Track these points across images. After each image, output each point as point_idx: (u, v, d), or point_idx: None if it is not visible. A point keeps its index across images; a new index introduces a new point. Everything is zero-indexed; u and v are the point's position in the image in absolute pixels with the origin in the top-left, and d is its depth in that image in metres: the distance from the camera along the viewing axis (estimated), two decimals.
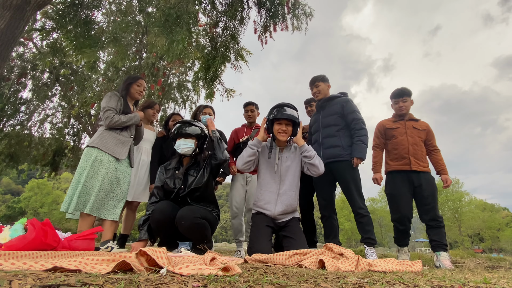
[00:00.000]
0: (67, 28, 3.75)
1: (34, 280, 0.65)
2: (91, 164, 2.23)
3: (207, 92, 4.55)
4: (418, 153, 2.59)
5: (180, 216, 1.96)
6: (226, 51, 4.41)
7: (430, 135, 2.72)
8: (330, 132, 2.60)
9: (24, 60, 6.98)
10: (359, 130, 2.52)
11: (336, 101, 2.70)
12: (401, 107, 2.70)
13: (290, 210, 2.19)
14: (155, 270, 0.91)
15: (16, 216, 30.03)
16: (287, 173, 2.22)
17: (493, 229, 32.07)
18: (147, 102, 3.19)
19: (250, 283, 0.76)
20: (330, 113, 2.66)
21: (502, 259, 4.90)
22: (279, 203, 2.17)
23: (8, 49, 2.97)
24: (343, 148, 2.52)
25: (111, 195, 2.30)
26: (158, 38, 3.17)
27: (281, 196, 2.18)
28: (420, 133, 2.67)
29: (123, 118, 2.36)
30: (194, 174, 2.20)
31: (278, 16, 4.50)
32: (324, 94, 2.78)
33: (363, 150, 2.46)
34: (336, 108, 2.65)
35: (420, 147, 2.62)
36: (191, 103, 8.42)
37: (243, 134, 3.20)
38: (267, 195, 2.20)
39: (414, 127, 2.68)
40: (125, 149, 2.41)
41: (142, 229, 2.08)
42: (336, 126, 2.60)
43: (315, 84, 2.81)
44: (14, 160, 7.46)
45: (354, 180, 2.46)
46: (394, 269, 1.39)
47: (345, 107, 2.62)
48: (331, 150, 2.55)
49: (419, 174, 2.55)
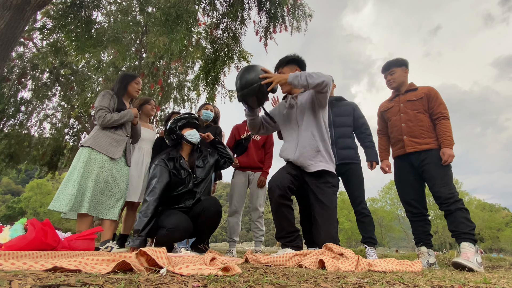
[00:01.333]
0: (68, 28, 3.76)
1: (34, 280, 0.65)
2: (85, 163, 2.21)
3: (208, 95, 4.56)
4: (415, 130, 2.24)
5: (204, 207, 2.05)
6: (229, 53, 4.42)
7: (431, 100, 2.25)
8: (345, 133, 2.59)
9: (24, 60, 6.98)
10: (370, 135, 2.62)
11: (347, 102, 2.74)
12: (389, 81, 2.42)
13: (310, 152, 1.95)
14: (155, 270, 0.91)
15: (16, 216, 30.02)
16: (303, 115, 2.06)
17: (493, 229, 32.08)
18: (142, 99, 3.17)
19: (250, 283, 0.76)
20: (344, 113, 2.65)
21: (502, 259, 4.90)
22: (299, 148, 1.99)
23: (8, 49, 2.97)
24: (355, 151, 2.57)
25: (108, 194, 2.29)
26: (159, 37, 3.18)
27: (299, 140, 2.02)
28: (415, 104, 2.28)
29: (115, 116, 2.34)
30: (201, 165, 2.26)
31: (277, 18, 4.51)
32: (331, 93, 2.79)
33: (377, 154, 2.55)
34: (348, 109, 2.67)
35: (418, 121, 2.25)
36: (191, 102, 8.44)
37: (244, 131, 3.20)
38: (288, 145, 2.10)
39: (408, 100, 2.32)
40: (119, 148, 2.39)
41: (141, 235, 1.86)
42: (350, 128, 2.63)
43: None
44: (14, 160, 7.46)
45: (361, 181, 2.49)
46: (394, 269, 1.39)
47: (356, 110, 2.68)
48: (347, 151, 2.54)
49: (419, 154, 2.20)
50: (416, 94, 2.30)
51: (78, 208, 2.14)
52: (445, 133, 2.14)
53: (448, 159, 2.07)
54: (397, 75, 2.39)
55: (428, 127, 2.23)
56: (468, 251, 1.81)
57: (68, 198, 2.09)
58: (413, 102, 2.30)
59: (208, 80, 4.44)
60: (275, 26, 4.58)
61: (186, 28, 3.35)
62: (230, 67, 4.61)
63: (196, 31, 4.54)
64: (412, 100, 2.30)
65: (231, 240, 3.01)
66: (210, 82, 4.46)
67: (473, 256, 1.78)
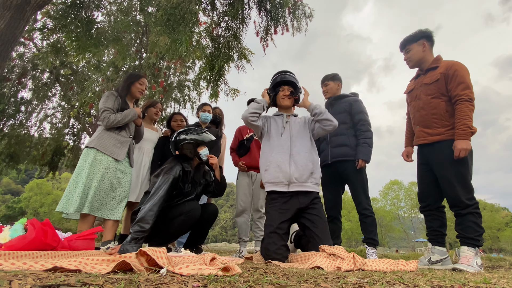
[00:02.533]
0: (68, 28, 3.76)
1: (34, 280, 0.65)
2: (90, 165, 2.23)
3: (211, 92, 4.53)
4: (427, 118, 1.99)
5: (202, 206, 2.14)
6: (229, 51, 4.41)
7: (449, 81, 1.90)
8: (338, 130, 2.49)
9: (24, 60, 6.98)
10: (365, 132, 2.46)
11: (346, 99, 2.63)
12: (406, 60, 2.19)
13: (307, 174, 1.99)
14: (155, 270, 0.91)
15: (16, 216, 30.03)
16: (297, 136, 2.10)
17: (493, 229, 32.07)
18: (149, 101, 3.18)
19: (250, 283, 0.76)
20: (339, 111, 2.58)
21: (502, 259, 4.90)
22: (293, 163, 1.97)
23: (8, 49, 2.97)
24: (351, 147, 2.47)
25: (112, 195, 2.30)
26: (161, 37, 3.17)
27: (294, 156, 1.99)
28: (430, 88, 1.98)
29: (119, 117, 2.34)
30: (203, 182, 2.30)
31: (278, 19, 4.50)
32: (332, 93, 2.72)
33: (368, 152, 2.41)
34: (344, 106, 2.59)
35: (431, 108, 1.98)
36: (192, 102, 8.44)
37: (247, 132, 3.21)
38: (278, 156, 2.00)
39: (425, 84, 2.04)
40: (123, 149, 2.41)
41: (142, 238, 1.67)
42: (344, 124, 2.52)
43: (324, 83, 2.77)
44: (13, 160, 7.46)
45: (361, 180, 2.43)
46: (386, 269, 1.39)
47: (353, 105, 2.56)
48: (340, 149, 2.49)
49: (432, 147, 1.98)
50: (432, 76, 2.00)
51: (81, 209, 2.14)
52: (459, 121, 1.81)
53: (459, 154, 1.78)
54: (413, 52, 2.11)
55: (443, 114, 1.93)
56: (467, 254, 1.76)
57: (76, 200, 2.11)
58: (428, 86, 2.01)
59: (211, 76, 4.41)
60: (276, 28, 4.57)
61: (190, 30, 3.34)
62: (230, 66, 4.59)
63: (196, 31, 4.53)
64: (427, 83, 2.02)
65: (241, 240, 3.02)
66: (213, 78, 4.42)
67: (472, 259, 1.73)
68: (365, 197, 2.42)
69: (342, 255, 1.51)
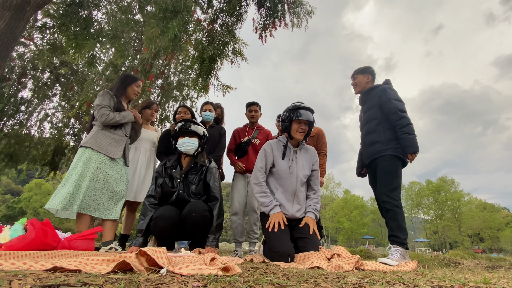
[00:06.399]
0: (67, 26, 3.76)
1: (34, 280, 0.65)
2: (84, 163, 2.21)
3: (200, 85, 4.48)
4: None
5: (189, 210, 1.98)
6: (224, 48, 4.38)
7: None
8: (369, 128, 2.42)
9: (24, 60, 6.98)
10: (399, 120, 2.25)
11: (374, 92, 2.47)
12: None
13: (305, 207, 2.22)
14: (155, 270, 0.91)
15: (16, 216, 30.05)
16: (301, 172, 2.23)
17: (493, 229, 32.11)
18: (145, 102, 3.17)
19: (250, 283, 0.76)
20: (370, 107, 2.47)
21: (502, 259, 4.90)
22: (295, 203, 2.18)
23: (8, 49, 2.98)
24: (383, 143, 2.31)
25: (109, 194, 2.28)
26: (153, 29, 3.19)
27: (297, 195, 2.19)
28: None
29: (117, 117, 2.34)
30: (195, 182, 2.16)
31: (277, 14, 4.49)
32: (362, 87, 2.59)
33: (411, 142, 2.18)
34: (374, 100, 2.45)
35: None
36: (191, 101, 8.44)
37: (244, 134, 3.21)
38: (284, 195, 2.19)
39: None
40: (119, 148, 2.39)
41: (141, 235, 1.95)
42: (375, 120, 2.40)
43: (353, 77, 2.66)
44: (13, 160, 7.46)
45: (386, 172, 2.26)
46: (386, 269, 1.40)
47: (381, 97, 2.38)
48: (372, 147, 2.38)
49: None
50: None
51: (71, 206, 2.10)
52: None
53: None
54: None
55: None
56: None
57: (63, 196, 2.07)
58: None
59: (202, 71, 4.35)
60: (274, 22, 4.55)
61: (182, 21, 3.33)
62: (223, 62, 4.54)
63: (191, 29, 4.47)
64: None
65: (236, 241, 3.03)
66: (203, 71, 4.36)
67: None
68: (386, 188, 2.22)
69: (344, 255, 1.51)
